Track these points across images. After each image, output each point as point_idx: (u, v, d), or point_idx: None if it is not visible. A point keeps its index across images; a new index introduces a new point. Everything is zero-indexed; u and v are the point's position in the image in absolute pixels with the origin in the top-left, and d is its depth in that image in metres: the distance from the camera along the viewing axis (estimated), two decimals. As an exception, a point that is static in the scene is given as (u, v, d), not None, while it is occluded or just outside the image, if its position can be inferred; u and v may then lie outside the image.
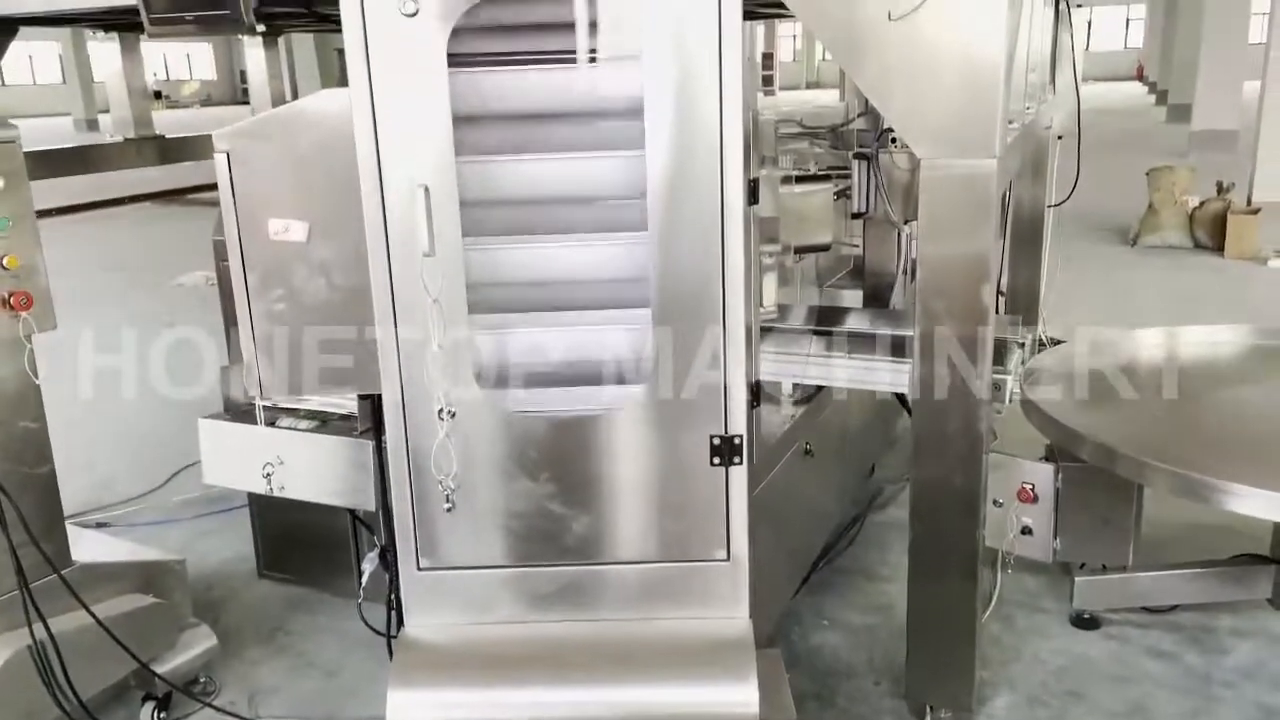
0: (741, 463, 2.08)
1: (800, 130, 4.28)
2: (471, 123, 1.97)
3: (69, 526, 2.66)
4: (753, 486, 2.17)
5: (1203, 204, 8.68)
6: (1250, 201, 9.12)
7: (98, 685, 2.61)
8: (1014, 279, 5.01)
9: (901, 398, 3.37)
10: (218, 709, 2.87)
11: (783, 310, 3.35)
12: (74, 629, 2.48)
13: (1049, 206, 4.94)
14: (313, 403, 2.88)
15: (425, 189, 1.87)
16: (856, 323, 3.36)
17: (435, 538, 2.15)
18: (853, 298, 4.19)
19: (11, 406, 2.43)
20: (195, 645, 2.92)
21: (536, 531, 2.14)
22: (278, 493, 2.78)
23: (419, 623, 2.20)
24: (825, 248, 3.63)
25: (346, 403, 2.85)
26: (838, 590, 3.47)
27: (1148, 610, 3.24)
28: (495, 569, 2.17)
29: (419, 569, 2.17)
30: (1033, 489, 3.09)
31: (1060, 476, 3.04)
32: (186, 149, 4.49)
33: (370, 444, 2.60)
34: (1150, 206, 8.90)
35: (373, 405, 2.40)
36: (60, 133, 24.50)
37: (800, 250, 3.50)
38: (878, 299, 4.08)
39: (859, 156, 3.55)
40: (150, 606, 2.76)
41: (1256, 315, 6.22)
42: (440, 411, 2.03)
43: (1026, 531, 3.11)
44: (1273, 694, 2.85)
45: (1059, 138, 4.96)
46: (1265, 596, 3.25)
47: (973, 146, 2.34)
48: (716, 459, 2.07)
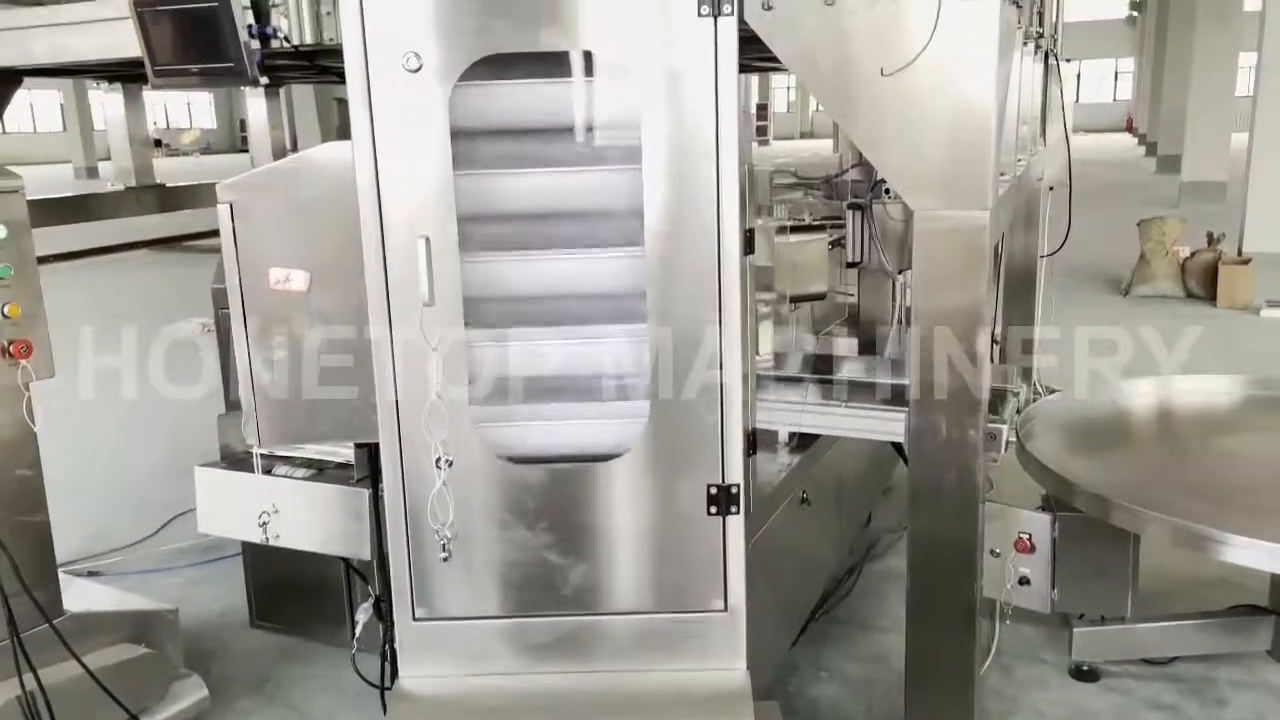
0: (739, 512, 2.08)
1: (795, 181, 4.34)
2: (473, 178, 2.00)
3: (61, 575, 2.65)
4: (750, 536, 2.17)
5: (1194, 254, 8.77)
6: (1241, 252, 9.22)
7: (87, 737, 2.58)
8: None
9: (898, 446, 3.38)
10: (208, 762, 2.83)
11: (779, 358, 3.37)
12: (65, 679, 2.46)
13: (1041, 256, 4.99)
14: (309, 451, 2.88)
15: (426, 240, 1.90)
16: (852, 371, 3.38)
17: (431, 588, 2.14)
18: (848, 345, 4.21)
19: (8, 454, 2.43)
20: (186, 696, 2.89)
21: (533, 581, 2.13)
22: (273, 542, 2.77)
23: (414, 674, 2.18)
24: (821, 296, 3.66)
25: (343, 450, 2.85)
26: (835, 641, 3.44)
27: (1147, 662, 3.21)
28: (491, 619, 2.15)
29: (414, 619, 2.15)
30: (1030, 539, 3.08)
31: (1057, 526, 3.04)
32: (187, 197, 4.53)
33: (366, 492, 2.60)
34: (1142, 256, 8.98)
35: (370, 454, 2.40)
36: (60, 180, 24.68)
37: (796, 299, 3.53)
38: (873, 347, 4.10)
39: (853, 207, 3.60)
40: (142, 657, 2.74)
41: (1249, 365, 6.25)
42: (438, 460, 2.03)
43: (1024, 582, 3.10)
44: (1274, 747, 2.83)
45: (1050, 189, 5.03)
46: (1265, 648, 3.23)
47: (965, 199, 2.37)
48: (713, 508, 2.08)
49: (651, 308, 2.02)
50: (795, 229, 3.56)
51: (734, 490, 2.07)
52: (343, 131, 1.96)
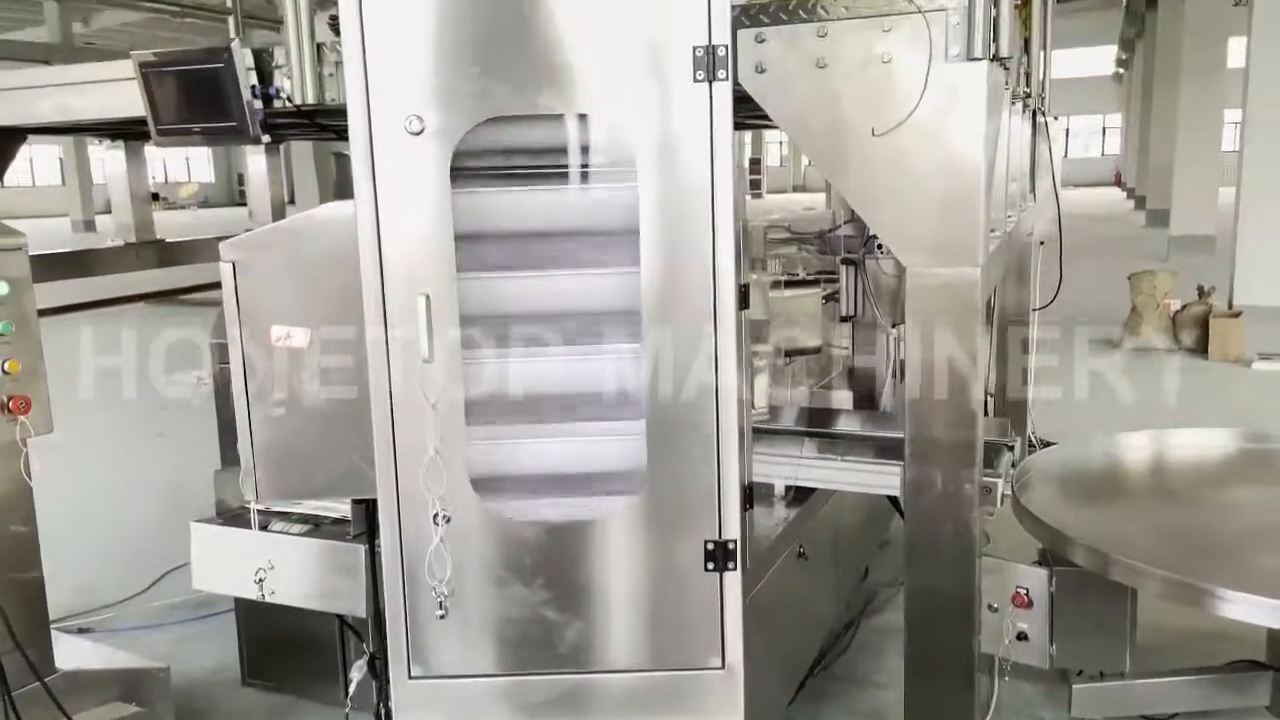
0: (736, 568, 2.08)
1: (789, 236, 4.39)
2: (472, 238, 2.03)
3: (52, 632, 2.63)
4: (747, 591, 2.17)
5: (1185, 307, 8.84)
6: (1231, 305, 9.29)
7: (76, 798, 2.54)
8: (1001, 381, 5.06)
9: (894, 500, 3.38)
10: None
11: (774, 411, 3.39)
12: (55, 740, 2.43)
13: (1034, 310, 5.04)
14: (305, 506, 2.87)
15: (426, 297, 1.92)
16: (848, 424, 3.39)
17: (427, 645, 2.12)
18: (843, 398, 4.23)
19: (3, 510, 2.43)
20: (177, 756, 2.85)
21: (530, 639, 2.12)
22: (269, 598, 2.76)
23: (409, 733, 2.16)
24: (816, 350, 3.69)
25: (339, 506, 2.85)
26: (833, 698, 3.41)
27: (1147, 718, 3.19)
28: (488, 678, 2.14)
29: (410, 677, 2.14)
30: (1027, 594, 3.07)
31: (1054, 581, 3.03)
32: (186, 253, 4.56)
33: (363, 548, 2.59)
34: (1134, 309, 9.05)
35: (367, 509, 2.40)
36: (58, 233, 24.81)
37: (790, 353, 3.56)
38: (868, 400, 4.12)
39: (846, 262, 3.64)
40: (133, 716, 2.71)
41: (1243, 417, 6.28)
42: (435, 516, 2.04)
43: (1022, 637, 3.08)
44: (1278, 806, 2.79)
45: (1041, 243, 5.09)
46: (1264, 704, 3.21)
47: (956, 256, 2.41)
48: (710, 564, 2.08)
49: (648, 364, 2.04)
50: (789, 284, 3.59)
51: (731, 546, 2.07)
52: (341, 186, 2.00)
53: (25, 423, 2.35)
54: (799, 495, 3.23)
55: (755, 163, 40.01)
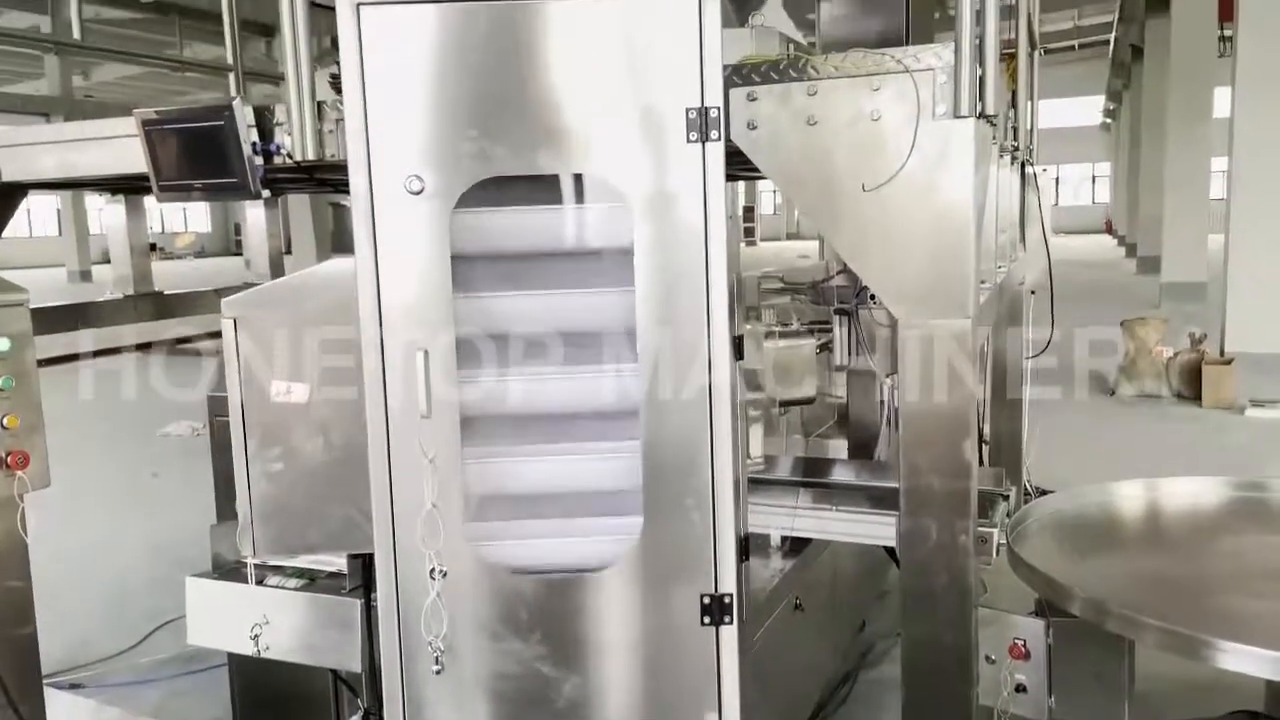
0: (732, 622, 2.08)
1: (782, 286, 4.43)
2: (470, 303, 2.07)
3: (45, 688, 2.61)
4: (743, 644, 2.17)
5: (1177, 354, 8.89)
6: (1223, 352, 9.34)
7: None
8: (996, 430, 5.08)
9: (891, 550, 3.38)
10: None
11: (770, 461, 3.40)
12: (44, 799, 2.40)
13: (1027, 358, 5.07)
14: (301, 559, 2.86)
15: (425, 353, 1.95)
16: (843, 474, 3.40)
17: (423, 700, 2.11)
18: (838, 448, 4.25)
19: (-2, 565, 2.42)
20: (167, 815, 2.81)
21: (526, 695, 2.11)
22: (263, 654, 2.74)
23: (404, 791, 2.14)
24: (810, 400, 3.71)
25: (335, 559, 2.84)
26: (832, 752, 3.38)
27: (1148, 771, 3.16)
28: (483, 733, 2.13)
29: (406, 734, 2.13)
30: (1024, 645, 3.06)
31: (1051, 632, 3.02)
32: (184, 305, 4.59)
33: (359, 603, 2.59)
34: (1126, 357, 9.10)
35: (363, 564, 2.40)
36: (54, 283, 24.87)
37: (785, 403, 3.58)
38: (864, 449, 4.13)
39: (839, 312, 3.67)
40: (124, 774, 2.68)
41: (1237, 464, 6.29)
42: (432, 571, 2.04)
43: (1021, 689, 3.06)
44: None
45: (1033, 293, 5.14)
46: (1265, 754, 3.19)
47: (947, 307, 2.44)
48: (706, 618, 2.08)
49: (644, 417, 2.06)
50: (783, 334, 3.63)
51: (727, 600, 2.08)
52: (338, 237, 2.03)
53: (23, 478, 2.35)
54: (795, 546, 3.23)
55: (749, 210, 40.39)
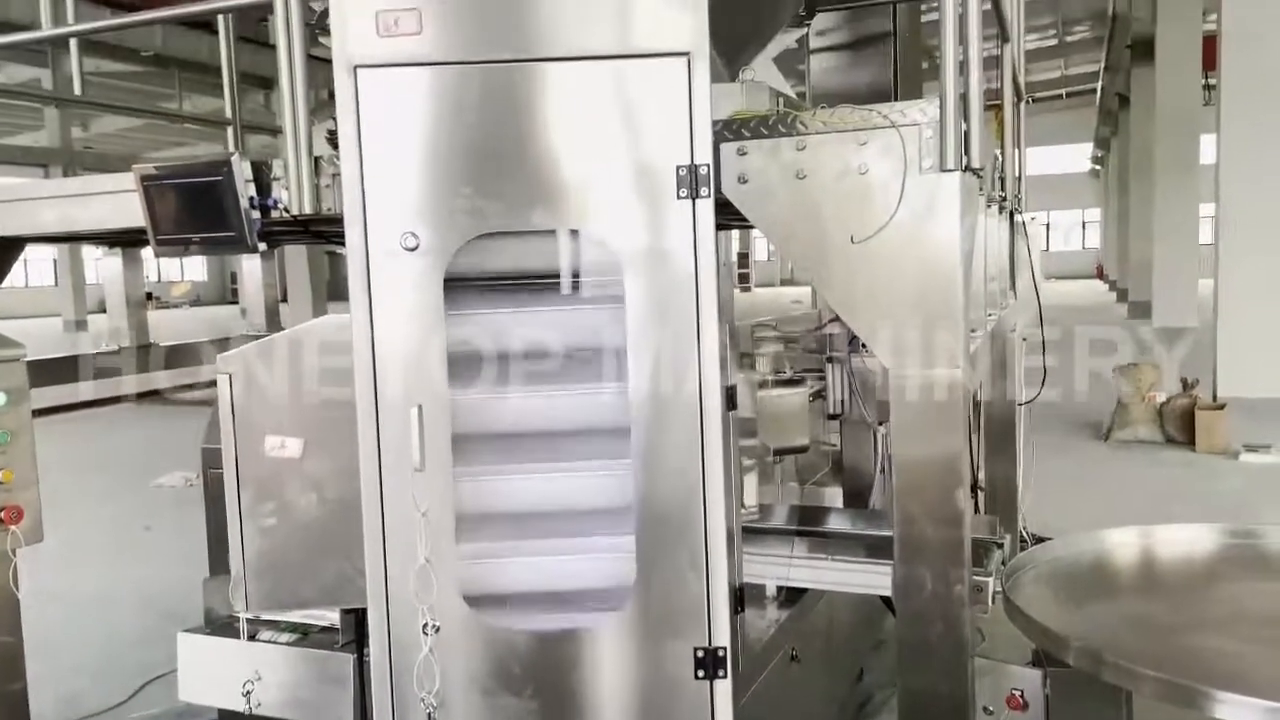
0: (726, 676, 2.07)
1: (775, 334, 4.46)
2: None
3: (34, 747, 2.58)
4: (738, 698, 2.15)
5: (1170, 399, 8.91)
6: (1216, 397, 9.38)
7: None
8: (991, 476, 5.08)
9: (887, 599, 3.36)
10: None
11: (764, 510, 3.40)
12: None
13: (1019, 404, 5.08)
14: (294, 613, 2.85)
15: (419, 408, 1.96)
16: (838, 523, 3.40)
17: (416, 757, 2.09)
18: (834, 495, 4.25)
19: (-11, 621, 2.41)
20: None
21: (519, 751, 2.09)
22: (255, 710, 2.72)
23: None
24: (803, 449, 3.71)
25: (328, 613, 2.83)
26: (830, 806, 3.34)
27: (1149, 823, 3.12)
28: (476, 791, 2.11)
29: (398, 792, 2.10)
30: (1022, 695, 3.04)
31: (1048, 683, 3.00)
32: (180, 356, 4.60)
33: (351, 658, 2.57)
34: (1120, 402, 9.12)
35: (356, 618, 2.39)
36: (49, 333, 24.88)
37: (779, 452, 3.58)
38: (858, 498, 4.13)
39: (832, 360, 3.69)
40: (111, 834, 2.64)
41: (1232, 510, 6.29)
42: (425, 626, 2.03)
43: (1019, 740, 3.04)
44: None
45: (1024, 339, 5.17)
46: (1266, 806, 3.14)
47: (938, 357, 2.46)
48: (700, 672, 2.07)
49: (637, 469, 2.07)
50: (776, 383, 3.64)
51: (721, 653, 2.07)
52: (334, 285, 2.05)
53: (16, 532, 2.35)
54: (791, 596, 3.22)
55: (743, 257, 40.65)
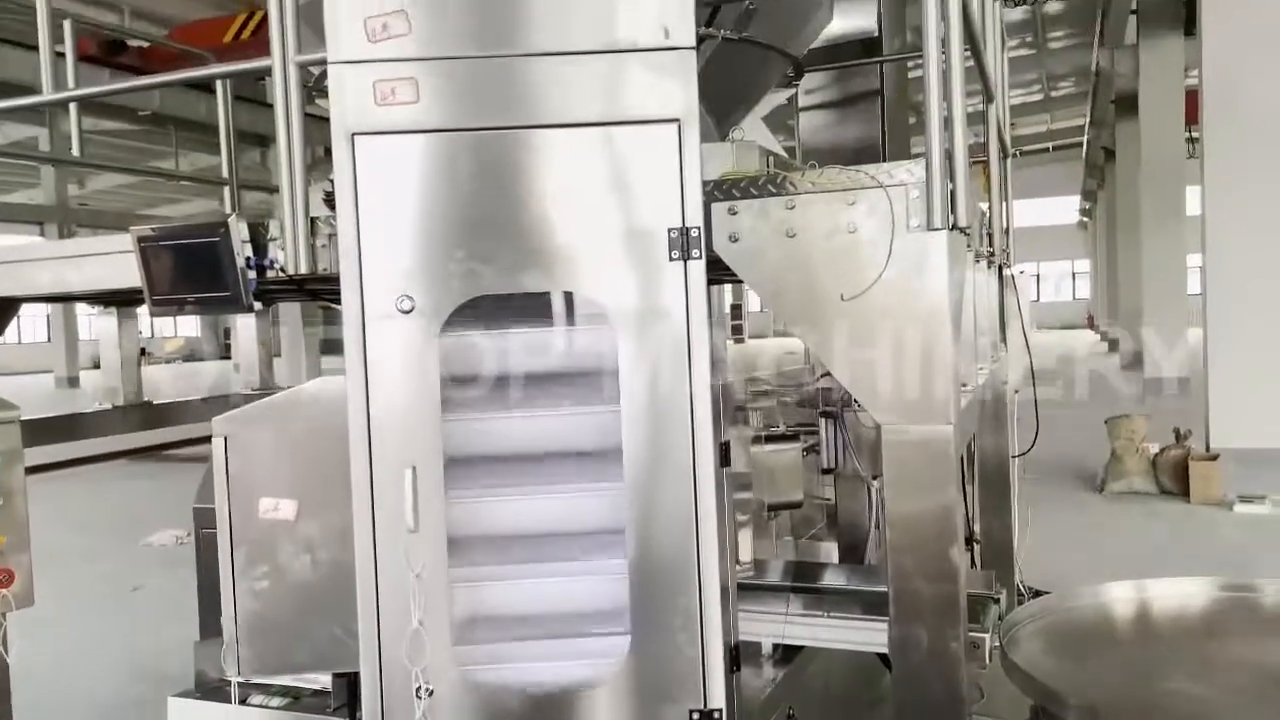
0: (722, 738, 2.06)
1: (768, 388, 4.47)
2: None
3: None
4: (735, 761, 2.13)
5: (1163, 450, 8.92)
6: (1209, 447, 9.39)
7: None
8: (987, 529, 5.07)
9: (884, 656, 3.34)
10: None
11: (760, 566, 3.38)
12: None
13: (1013, 457, 5.09)
14: (286, 678, 2.82)
15: (413, 469, 1.97)
16: (834, 578, 3.39)
17: (408, 824, 2.06)
18: (829, 550, 4.23)
19: (-24, 688, 2.38)
20: None
21: (513, 816, 2.07)
22: (245, 775, 2.68)
23: None
24: (797, 505, 3.71)
25: (320, 676, 2.80)
26: None
27: None
28: None
29: None
30: (1021, 754, 3.01)
31: (1047, 740, 2.97)
32: (173, 415, 4.61)
33: (344, 722, 2.55)
34: (1114, 454, 9.13)
35: (349, 683, 2.37)
36: (41, 390, 24.81)
37: (773, 507, 3.58)
38: (854, 552, 4.12)
39: (825, 415, 3.71)
40: None
41: (1228, 562, 6.28)
42: (418, 690, 2.02)
43: (1020, 800, 3.00)
44: None
45: (1016, 392, 5.19)
46: None
47: (928, 414, 2.48)
48: (696, 735, 2.05)
49: (630, 530, 2.07)
50: (770, 438, 3.65)
51: (717, 715, 2.05)
52: (327, 340, 2.07)
53: (6, 596, 2.33)
54: (787, 654, 3.19)
55: (736, 309, 40.83)
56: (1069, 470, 9.74)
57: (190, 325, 48.28)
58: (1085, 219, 38.41)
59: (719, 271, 2.44)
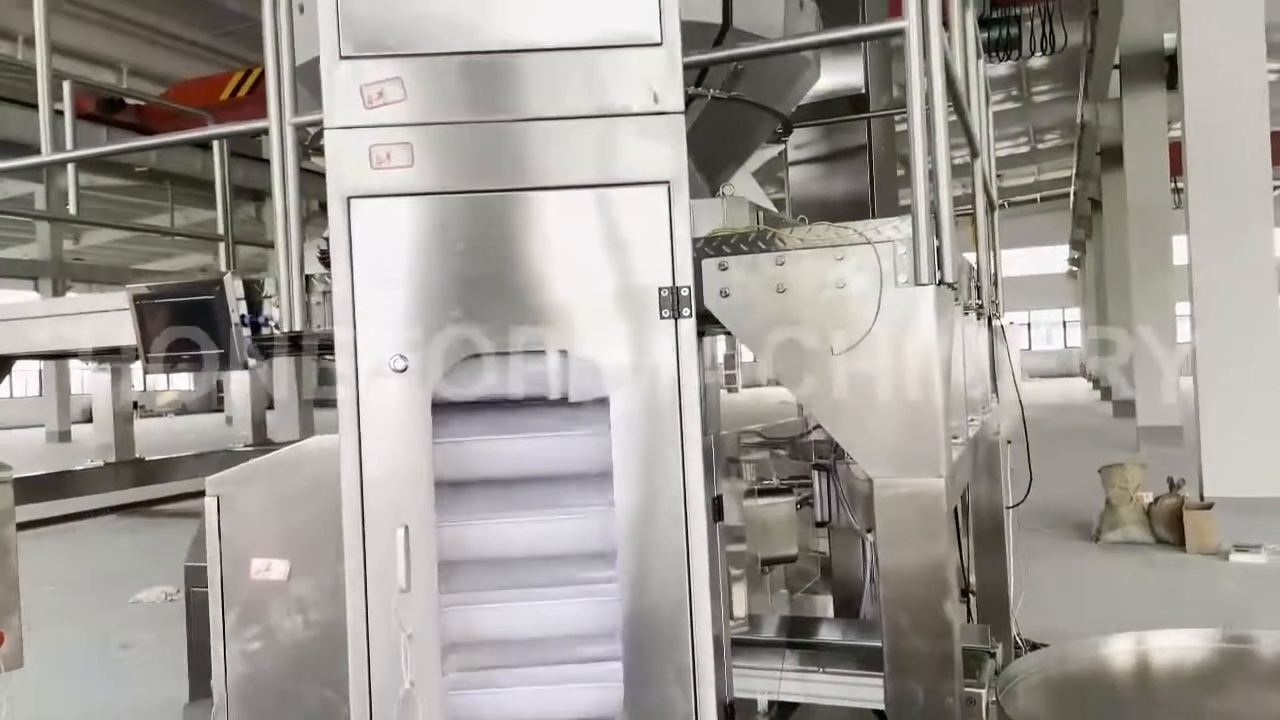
0: (717, 805, 2.04)
1: (761, 441, 4.48)
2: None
3: None
4: (731, 822, 2.11)
5: (1158, 499, 8.90)
6: (1203, 496, 9.37)
7: None
8: (982, 581, 5.04)
9: (881, 713, 3.31)
10: None
11: (754, 621, 3.37)
12: None
13: (1007, 508, 5.08)
14: (276, 739, 2.78)
15: (405, 529, 1.97)
16: (829, 633, 3.37)
17: None
18: (825, 603, 4.20)
19: (-37, 755, 2.35)
20: None
21: None
22: (233, 841, 2.63)
23: None
24: (791, 559, 3.70)
25: (310, 737, 2.76)
26: None
27: None
28: None
29: None
30: (1020, 811, 2.98)
31: (1046, 797, 2.95)
32: (165, 471, 4.60)
33: (334, 785, 2.50)
34: (1108, 503, 9.11)
35: (340, 743, 2.34)
36: (32, 445, 24.67)
37: (768, 562, 3.57)
38: (848, 606, 4.09)
39: (818, 468, 3.71)
40: None
41: (1226, 613, 6.24)
42: (410, 751, 2.00)
43: None
44: None
45: (1008, 442, 5.20)
46: None
47: (919, 467, 2.49)
48: (691, 795, 2.03)
49: (622, 587, 2.06)
50: (763, 492, 3.65)
51: (711, 774, 2.04)
52: (320, 398, 2.08)
53: (-5, 659, 2.31)
54: (783, 711, 3.16)
55: (730, 359, 40.90)
56: (1064, 519, 9.71)
57: (184, 378, 48.10)
58: (1075, 268, 38.74)
59: (712, 323, 2.47)
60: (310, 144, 3.13)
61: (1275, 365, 9.70)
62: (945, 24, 2.57)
